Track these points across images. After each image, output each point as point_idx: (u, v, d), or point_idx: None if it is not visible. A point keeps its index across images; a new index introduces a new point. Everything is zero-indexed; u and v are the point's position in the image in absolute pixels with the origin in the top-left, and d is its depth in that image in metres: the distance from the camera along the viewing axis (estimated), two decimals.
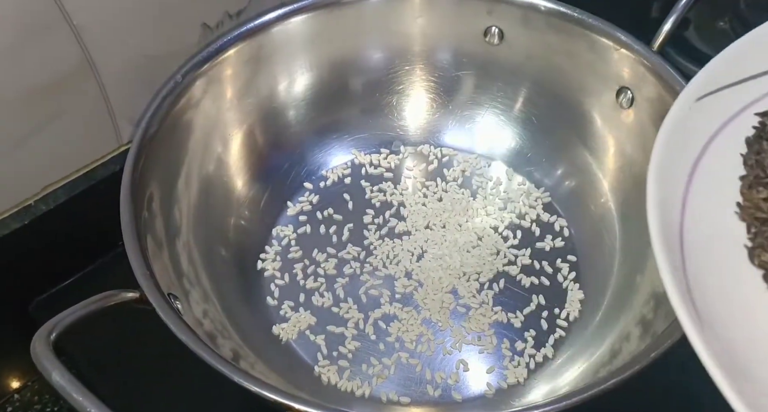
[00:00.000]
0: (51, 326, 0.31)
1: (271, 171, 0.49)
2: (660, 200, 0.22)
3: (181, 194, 0.43)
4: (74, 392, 0.29)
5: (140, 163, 0.39)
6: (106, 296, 0.33)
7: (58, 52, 0.40)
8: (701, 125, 0.24)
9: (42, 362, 0.29)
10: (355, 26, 0.48)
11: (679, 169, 0.23)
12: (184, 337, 0.33)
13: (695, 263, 0.22)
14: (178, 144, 0.43)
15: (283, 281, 0.45)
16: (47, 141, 0.42)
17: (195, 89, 0.43)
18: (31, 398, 0.44)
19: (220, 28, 0.46)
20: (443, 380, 0.42)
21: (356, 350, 0.43)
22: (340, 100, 0.50)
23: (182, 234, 0.42)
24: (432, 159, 0.51)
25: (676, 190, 0.23)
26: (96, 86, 0.43)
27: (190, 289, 0.40)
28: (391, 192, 0.49)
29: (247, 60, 0.46)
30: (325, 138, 0.50)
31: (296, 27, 0.46)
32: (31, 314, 0.46)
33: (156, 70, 0.44)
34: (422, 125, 0.52)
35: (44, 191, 0.44)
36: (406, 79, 0.51)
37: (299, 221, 0.48)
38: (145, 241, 0.37)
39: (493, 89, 0.50)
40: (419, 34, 0.49)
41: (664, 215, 0.22)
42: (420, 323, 0.44)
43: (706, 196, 0.23)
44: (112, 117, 0.45)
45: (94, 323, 0.34)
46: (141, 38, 0.43)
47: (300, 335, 0.43)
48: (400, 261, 0.46)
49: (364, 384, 0.41)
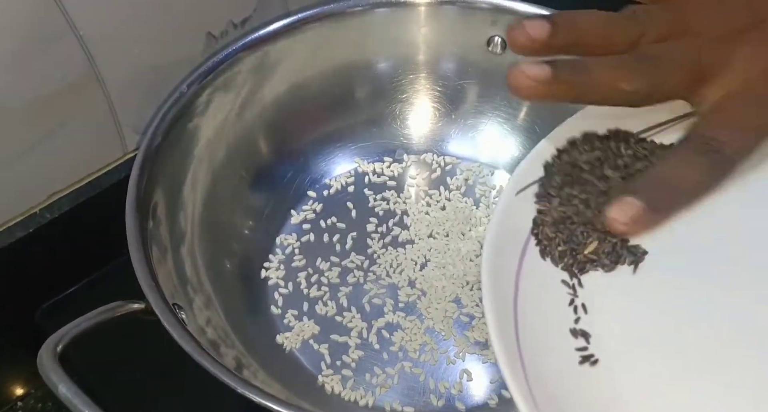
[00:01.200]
0: (57, 338, 0.31)
1: (275, 180, 0.49)
2: (494, 289, 0.25)
3: (185, 203, 0.43)
4: (80, 405, 0.29)
5: (146, 171, 0.40)
6: (112, 308, 0.33)
7: (64, 61, 0.40)
8: (523, 217, 0.27)
9: (48, 374, 0.30)
10: (359, 35, 0.48)
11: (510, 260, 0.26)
12: (189, 348, 0.33)
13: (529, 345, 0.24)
14: (183, 153, 0.43)
15: (287, 290, 0.46)
16: (53, 149, 0.42)
17: (200, 98, 0.43)
18: (35, 406, 0.45)
19: (224, 38, 0.47)
20: (447, 389, 0.42)
21: (360, 360, 0.43)
22: (344, 109, 0.50)
23: (186, 242, 0.42)
24: (435, 168, 0.51)
25: (509, 277, 0.26)
26: (102, 95, 0.43)
27: (193, 297, 0.40)
28: (395, 201, 0.49)
29: (251, 69, 0.46)
30: (328, 147, 0.51)
31: (301, 36, 0.47)
32: (35, 321, 0.46)
33: (161, 80, 0.44)
34: (426, 134, 0.52)
35: (49, 200, 0.44)
36: (410, 88, 0.51)
37: (303, 230, 0.48)
38: (150, 250, 0.37)
39: (496, 98, 0.50)
40: (423, 43, 0.49)
41: (498, 300, 0.24)
42: (423, 332, 0.44)
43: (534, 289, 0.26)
44: (118, 126, 0.45)
45: (99, 332, 0.34)
46: (146, 48, 0.43)
47: (303, 344, 0.43)
48: (404, 270, 0.46)
49: (368, 394, 0.41)
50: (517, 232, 0.27)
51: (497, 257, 0.26)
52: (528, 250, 0.27)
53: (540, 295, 0.26)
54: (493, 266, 0.25)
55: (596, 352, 0.25)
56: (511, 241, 0.26)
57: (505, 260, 0.26)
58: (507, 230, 0.27)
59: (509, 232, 0.27)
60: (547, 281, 0.26)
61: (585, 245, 0.26)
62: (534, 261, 0.26)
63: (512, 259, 0.26)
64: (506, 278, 0.26)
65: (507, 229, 0.27)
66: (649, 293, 0.26)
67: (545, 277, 0.26)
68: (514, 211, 0.27)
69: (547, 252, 0.26)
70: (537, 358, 0.24)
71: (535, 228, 0.27)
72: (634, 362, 0.25)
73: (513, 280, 0.26)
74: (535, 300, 0.26)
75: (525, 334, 0.24)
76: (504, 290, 0.25)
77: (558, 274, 0.26)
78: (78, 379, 0.31)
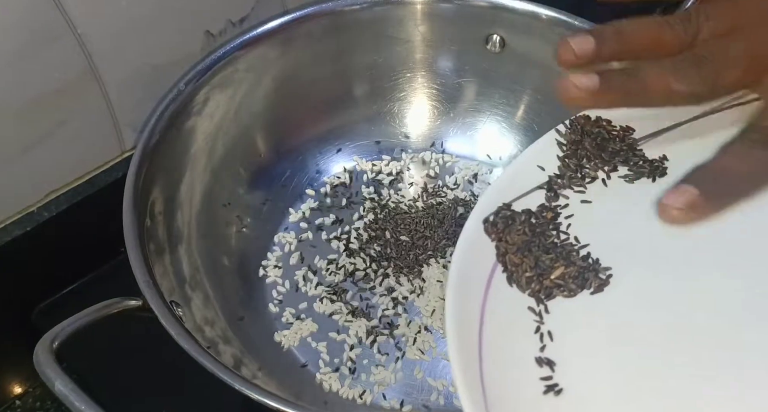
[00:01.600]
0: (54, 334, 0.31)
1: (273, 178, 0.49)
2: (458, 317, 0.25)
3: (183, 201, 0.43)
4: (77, 401, 0.29)
5: (143, 170, 0.40)
6: (108, 304, 0.33)
7: (62, 60, 0.40)
8: (489, 244, 0.27)
9: (45, 370, 0.29)
10: (357, 34, 0.48)
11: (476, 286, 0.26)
12: (186, 345, 0.33)
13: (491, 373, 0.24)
14: (181, 151, 0.43)
15: (285, 288, 0.46)
16: (50, 148, 0.42)
17: (198, 97, 0.43)
18: (33, 405, 0.45)
19: (223, 36, 0.47)
20: (445, 387, 0.42)
21: (358, 357, 0.43)
22: (343, 107, 0.50)
23: (184, 241, 0.42)
24: (433, 166, 0.51)
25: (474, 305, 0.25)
26: (100, 94, 0.43)
27: (191, 295, 0.40)
28: (393, 199, 0.49)
29: (249, 67, 0.46)
30: (327, 145, 0.51)
31: (299, 34, 0.47)
32: (33, 320, 0.46)
33: (159, 78, 0.44)
34: (424, 132, 0.52)
35: (47, 198, 0.44)
36: (408, 86, 0.51)
37: (301, 228, 0.48)
38: (147, 248, 0.37)
39: (494, 96, 0.50)
40: (421, 41, 0.49)
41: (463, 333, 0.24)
42: (422, 331, 0.44)
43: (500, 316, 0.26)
44: (116, 124, 0.45)
45: (95, 330, 0.34)
46: (144, 46, 0.43)
47: (301, 342, 0.43)
48: (402, 268, 0.46)
49: (366, 392, 0.41)
50: (483, 258, 0.27)
51: (462, 284, 0.26)
52: (494, 277, 0.26)
53: (506, 323, 0.25)
54: (458, 294, 0.25)
55: (561, 381, 0.24)
56: (478, 268, 0.26)
57: (471, 288, 0.26)
58: (472, 258, 0.26)
59: (475, 259, 0.26)
60: (513, 309, 0.26)
61: (552, 270, 0.26)
62: (500, 288, 0.26)
63: (478, 287, 0.26)
64: (472, 308, 0.25)
65: (472, 257, 0.26)
66: (616, 315, 0.26)
67: (512, 304, 0.26)
68: (481, 238, 0.27)
69: (514, 279, 0.26)
70: (500, 390, 0.24)
71: (501, 256, 0.27)
72: (600, 390, 0.24)
73: (479, 309, 0.25)
74: (500, 328, 0.25)
75: (489, 364, 0.24)
76: (469, 320, 0.25)
77: (524, 300, 0.26)
78: (74, 376, 0.31)
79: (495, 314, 0.25)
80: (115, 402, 0.35)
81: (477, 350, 0.24)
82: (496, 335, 0.25)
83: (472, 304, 0.25)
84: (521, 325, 0.25)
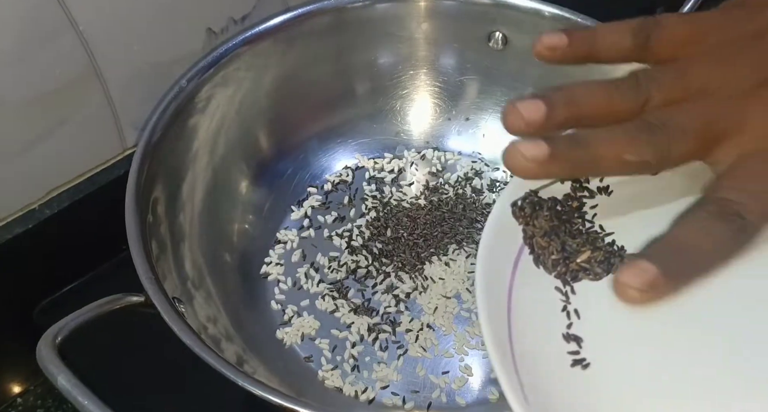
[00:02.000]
0: (56, 329, 0.31)
1: (276, 175, 0.49)
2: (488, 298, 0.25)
3: (185, 199, 0.43)
4: (79, 396, 0.29)
5: (145, 167, 0.39)
6: (111, 300, 0.33)
7: (64, 58, 0.40)
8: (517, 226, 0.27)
9: (47, 365, 0.29)
10: (359, 31, 0.48)
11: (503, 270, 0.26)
12: (189, 341, 0.33)
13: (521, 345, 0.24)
14: (183, 149, 0.43)
15: (287, 286, 0.45)
16: (52, 146, 0.42)
17: (200, 94, 0.43)
18: (34, 403, 0.44)
19: (224, 34, 0.47)
20: (447, 384, 0.42)
21: (360, 355, 0.43)
22: (345, 105, 0.50)
23: (187, 238, 0.42)
24: (435, 163, 0.51)
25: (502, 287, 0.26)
26: (101, 92, 0.43)
27: (194, 293, 0.40)
28: (395, 197, 0.49)
29: (251, 65, 0.46)
30: (329, 142, 0.51)
31: (301, 32, 0.47)
32: (34, 318, 0.46)
33: (161, 76, 0.44)
34: (426, 130, 0.52)
35: (49, 196, 0.44)
36: (411, 83, 0.51)
37: (303, 226, 0.48)
38: (150, 245, 0.37)
39: (497, 94, 0.50)
40: (424, 39, 0.49)
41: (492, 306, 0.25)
42: (424, 328, 0.44)
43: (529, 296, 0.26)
44: (117, 122, 0.45)
45: (97, 326, 0.34)
46: (146, 44, 0.43)
47: (303, 340, 0.43)
48: (404, 266, 0.46)
49: (368, 389, 0.41)
50: (511, 239, 0.27)
51: (491, 263, 0.26)
52: (522, 257, 0.27)
53: (533, 301, 0.26)
54: (488, 272, 0.26)
55: (588, 355, 0.25)
56: (506, 248, 0.27)
57: (500, 266, 0.26)
58: (501, 238, 0.27)
59: (504, 239, 0.27)
60: (540, 288, 0.26)
61: (578, 254, 0.27)
62: (527, 268, 0.27)
63: (506, 265, 0.26)
64: (500, 284, 0.26)
65: (501, 236, 0.27)
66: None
67: (538, 283, 0.26)
68: (509, 220, 0.27)
69: (540, 261, 0.27)
70: (530, 361, 0.24)
71: (528, 239, 0.27)
72: (626, 364, 0.25)
73: (507, 286, 0.26)
74: (528, 306, 0.26)
75: (518, 338, 0.25)
76: (498, 296, 0.25)
77: (551, 281, 0.26)
78: (77, 371, 0.31)
79: (523, 291, 0.26)
80: (117, 399, 0.35)
81: (506, 324, 0.25)
82: (525, 310, 0.25)
83: (501, 278, 0.26)
84: (548, 303, 0.26)
